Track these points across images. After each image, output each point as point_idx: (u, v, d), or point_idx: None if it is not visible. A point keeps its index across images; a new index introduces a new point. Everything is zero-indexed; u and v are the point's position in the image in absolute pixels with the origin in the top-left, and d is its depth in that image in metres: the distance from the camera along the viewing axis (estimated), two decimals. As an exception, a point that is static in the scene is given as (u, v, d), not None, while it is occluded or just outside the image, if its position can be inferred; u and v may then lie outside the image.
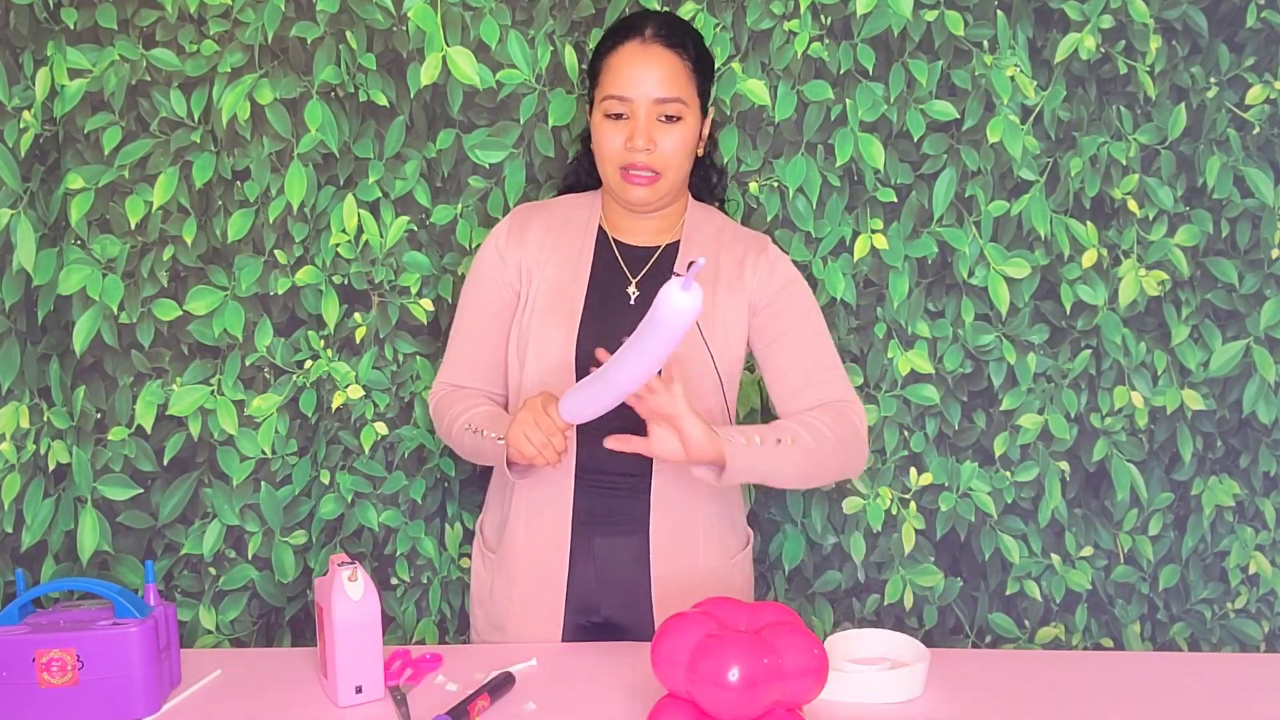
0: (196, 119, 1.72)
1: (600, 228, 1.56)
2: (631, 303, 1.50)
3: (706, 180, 1.63)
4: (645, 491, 1.50)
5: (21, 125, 1.62)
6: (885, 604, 1.93)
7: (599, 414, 1.33)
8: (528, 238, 1.54)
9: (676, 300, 1.13)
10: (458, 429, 1.50)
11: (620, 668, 1.39)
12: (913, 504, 1.91)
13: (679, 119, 1.45)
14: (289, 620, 1.84)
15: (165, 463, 1.74)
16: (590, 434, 1.45)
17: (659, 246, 1.54)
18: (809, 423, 1.46)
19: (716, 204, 1.67)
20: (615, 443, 1.34)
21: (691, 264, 1.11)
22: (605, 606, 1.54)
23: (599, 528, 1.51)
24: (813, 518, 1.91)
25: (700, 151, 1.54)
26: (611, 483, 1.50)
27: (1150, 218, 1.87)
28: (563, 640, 1.52)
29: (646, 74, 1.44)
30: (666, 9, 1.79)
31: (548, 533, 1.51)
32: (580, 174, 1.64)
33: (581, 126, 1.81)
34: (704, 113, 1.51)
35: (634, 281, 1.52)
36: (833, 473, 1.52)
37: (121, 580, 1.73)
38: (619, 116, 1.45)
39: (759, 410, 1.88)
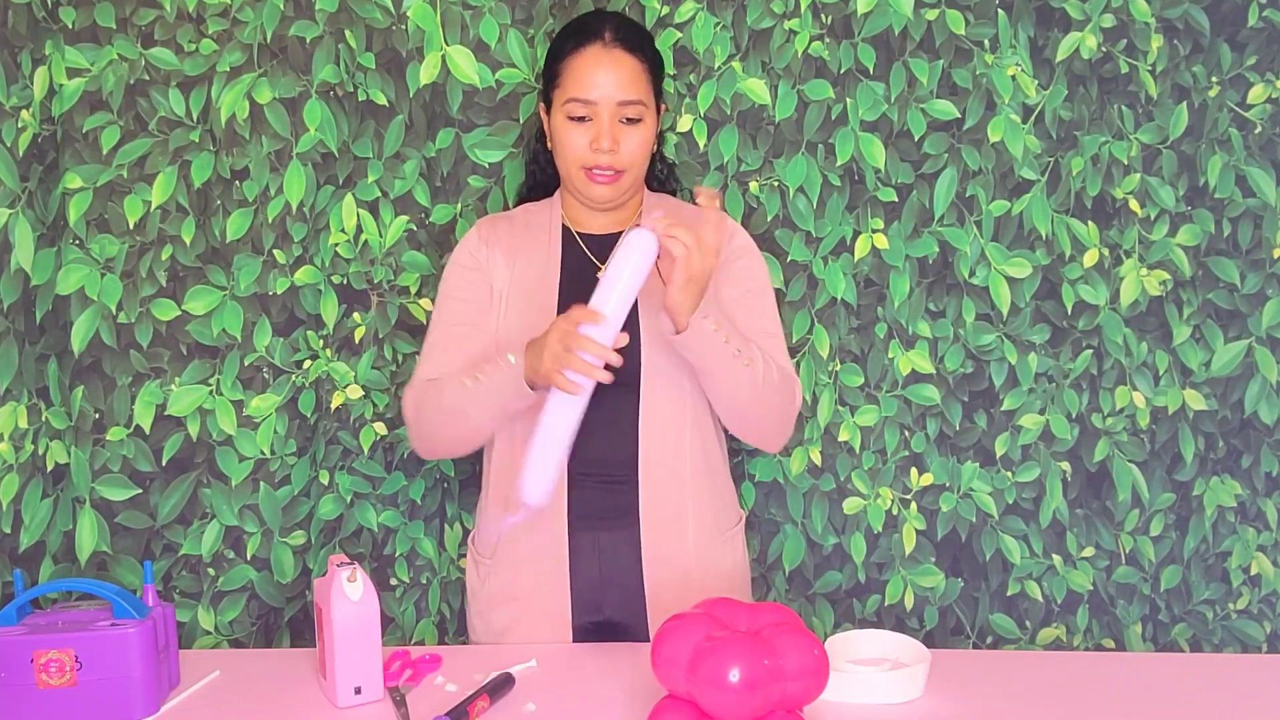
0: (195, 118, 1.72)
1: (563, 224, 1.58)
2: None
3: (654, 173, 1.65)
4: (634, 482, 1.50)
5: (20, 124, 1.61)
6: (886, 605, 1.92)
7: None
8: (497, 242, 1.56)
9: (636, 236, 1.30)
10: (451, 393, 1.45)
11: (620, 668, 1.38)
12: (913, 504, 1.91)
13: (640, 120, 1.49)
14: (288, 621, 1.83)
15: (164, 463, 1.74)
16: (581, 427, 1.47)
17: (620, 233, 1.55)
18: (766, 361, 1.46)
19: (670, 193, 1.69)
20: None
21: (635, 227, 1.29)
22: (607, 605, 1.53)
23: (597, 523, 1.51)
24: (813, 518, 1.91)
25: (654, 147, 1.57)
26: (604, 476, 1.51)
27: (1152, 217, 1.87)
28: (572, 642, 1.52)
29: (609, 77, 1.47)
30: (667, 9, 1.79)
31: (546, 533, 1.50)
32: (537, 174, 1.66)
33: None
34: (658, 111, 1.54)
35: (603, 269, 1.52)
36: (762, 423, 1.51)
37: (120, 581, 1.73)
38: (582, 119, 1.48)
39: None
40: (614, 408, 1.45)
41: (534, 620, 1.52)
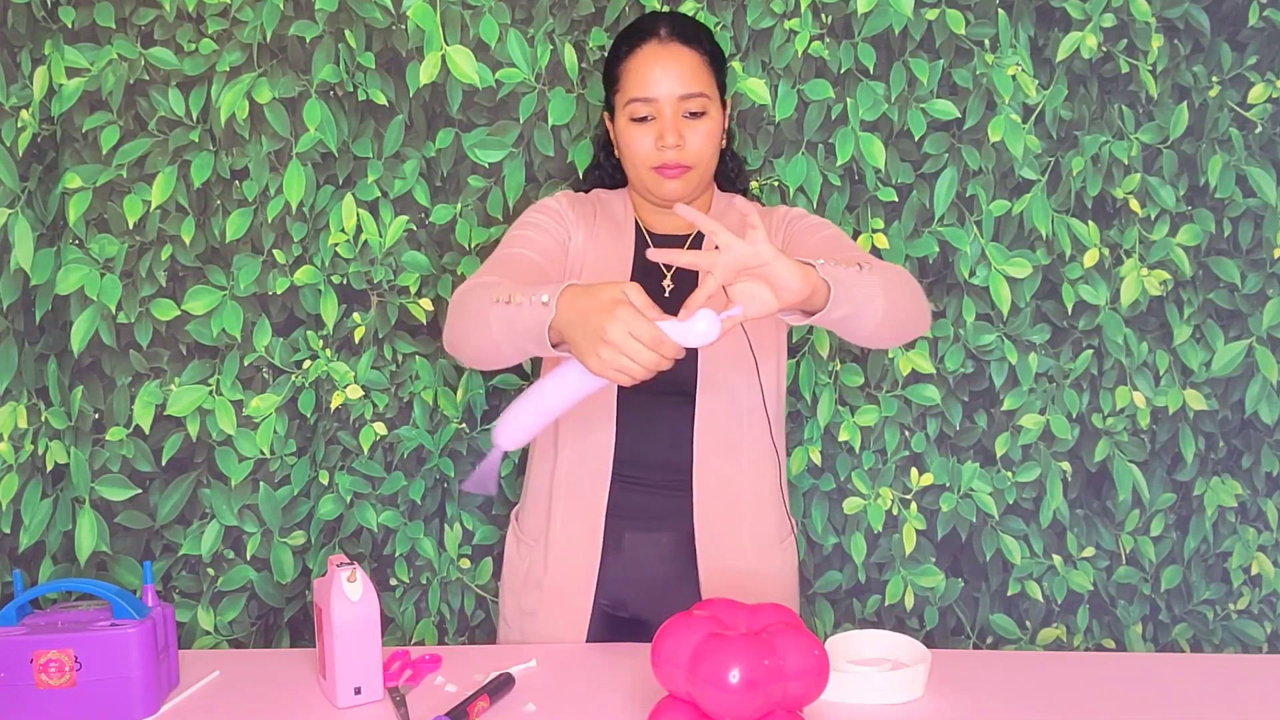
0: (195, 118, 1.72)
1: (635, 222, 1.57)
2: (666, 295, 1.50)
3: (725, 171, 1.62)
4: (687, 489, 1.50)
5: (19, 124, 1.61)
6: (886, 605, 1.92)
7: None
8: (581, 217, 1.54)
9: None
10: (485, 302, 1.27)
11: (620, 668, 1.38)
12: (914, 504, 1.91)
13: (703, 113, 1.46)
14: (288, 621, 1.83)
15: (163, 463, 1.74)
16: (632, 431, 1.48)
17: (689, 236, 1.54)
18: (871, 259, 1.33)
19: (740, 192, 1.65)
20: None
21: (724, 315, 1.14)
22: (633, 602, 1.53)
23: (631, 523, 1.51)
24: (813, 518, 1.90)
25: (723, 143, 1.53)
26: (650, 480, 1.50)
27: (1152, 217, 1.87)
28: (591, 632, 1.52)
29: (668, 73, 1.45)
30: (669, 8, 1.79)
31: (582, 526, 1.51)
32: (604, 180, 1.64)
33: (581, 125, 1.80)
34: (723, 105, 1.51)
35: (669, 275, 1.52)
36: (908, 313, 1.34)
37: (119, 581, 1.73)
38: (645, 119, 1.46)
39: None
40: (670, 419, 1.44)
41: (558, 605, 1.52)
